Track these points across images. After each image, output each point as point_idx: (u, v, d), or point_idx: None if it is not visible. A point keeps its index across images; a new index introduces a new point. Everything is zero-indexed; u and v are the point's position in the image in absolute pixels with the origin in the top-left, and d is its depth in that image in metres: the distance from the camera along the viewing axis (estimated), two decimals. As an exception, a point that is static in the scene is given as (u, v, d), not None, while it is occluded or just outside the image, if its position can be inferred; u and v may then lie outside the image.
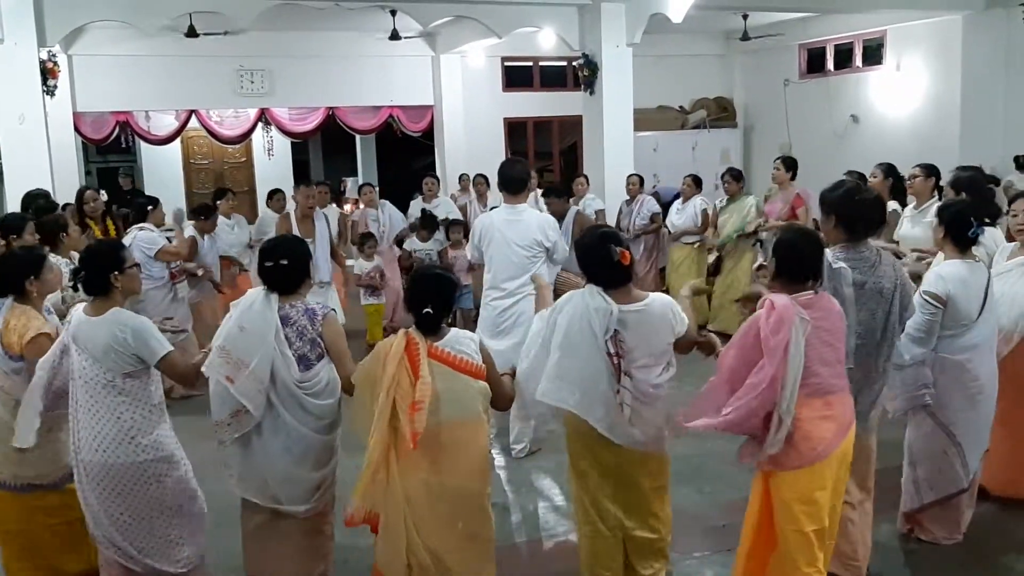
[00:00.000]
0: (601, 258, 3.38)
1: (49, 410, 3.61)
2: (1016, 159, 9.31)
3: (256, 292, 3.49)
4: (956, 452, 4.10)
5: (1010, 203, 4.70)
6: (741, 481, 5.03)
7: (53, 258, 4.29)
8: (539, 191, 8.89)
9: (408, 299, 3.40)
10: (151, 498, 3.46)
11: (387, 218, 8.94)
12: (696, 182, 8.70)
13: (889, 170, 6.25)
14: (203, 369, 3.42)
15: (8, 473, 3.76)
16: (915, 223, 5.57)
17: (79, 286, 3.58)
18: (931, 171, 5.73)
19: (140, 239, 6.33)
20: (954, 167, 5.97)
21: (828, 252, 3.61)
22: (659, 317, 3.34)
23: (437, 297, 3.30)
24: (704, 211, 8.50)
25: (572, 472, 3.59)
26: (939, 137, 10.38)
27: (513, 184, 5.42)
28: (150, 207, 6.66)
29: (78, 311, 3.56)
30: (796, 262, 3.32)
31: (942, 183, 5.72)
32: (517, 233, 5.30)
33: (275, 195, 8.88)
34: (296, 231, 6.69)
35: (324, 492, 3.54)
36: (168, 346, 3.46)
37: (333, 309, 3.70)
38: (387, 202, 9.18)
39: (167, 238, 6.72)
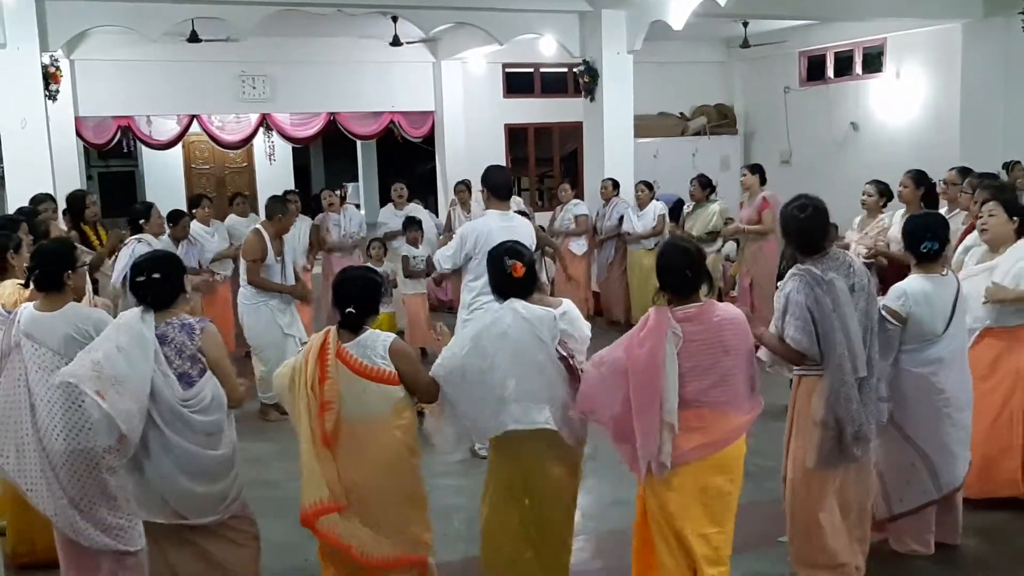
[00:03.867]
0: (499, 272, 3.50)
1: None
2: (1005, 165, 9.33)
3: (132, 311, 3.40)
4: (924, 465, 4.07)
5: (982, 204, 4.77)
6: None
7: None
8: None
9: (333, 297, 3.47)
10: (106, 481, 3.56)
11: (347, 221, 8.99)
12: (648, 187, 9.20)
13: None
14: (69, 379, 3.27)
15: None
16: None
17: (31, 282, 3.71)
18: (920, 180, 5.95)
19: (137, 252, 6.31)
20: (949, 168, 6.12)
21: (810, 266, 3.66)
22: (578, 319, 3.50)
23: (360, 297, 3.39)
24: (662, 215, 9.01)
25: (494, 498, 3.62)
26: (939, 145, 10.39)
27: (503, 190, 5.44)
28: (142, 220, 6.51)
29: (28, 309, 3.68)
30: (674, 276, 3.37)
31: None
32: (515, 238, 5.32)
33: (236, 199, 9.13)
34: (269, 245, 6.40)
35: (231, 503, 3.48)
36: None
37: (211, 320, 3.59)
38: (350, 206, 9.37)
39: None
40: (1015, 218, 4.57)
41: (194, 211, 8.38)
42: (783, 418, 4.03)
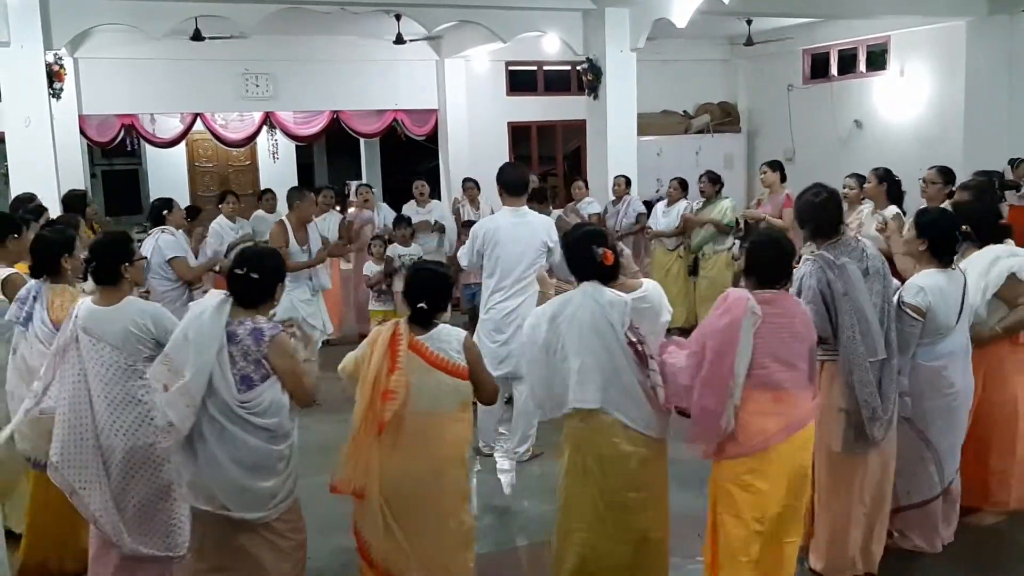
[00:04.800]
0: (585, 258, 3.49)
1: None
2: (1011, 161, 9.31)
3: (211, 299, 3.34)
4: (932, 458, 4.10)
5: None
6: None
7: None
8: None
9: (406, 292, 3.51)
10: (160, 481, 3.54)
11: (383, 220, 9.01)
12: (682, 185, 8.95)
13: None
14: (150, 380, 3.31)
15: (42, 451, 3.81)
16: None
17: (88, 275, 3.68)
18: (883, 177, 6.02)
19: (162, 242, 6.32)
20: (973, 172, 6.11)
21: (824, 251, 3.73)
22: (657, 300, 3.53)
23: (433, 293, 3.42)
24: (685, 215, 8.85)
25: (567, 481, 3.57)
26: (942, 142, 10.38)
27: (517, 187, 5.44)
28: (165, 211, 6.56)
29: (85, 304, 3.64)
30: (765, 265, 3.46)
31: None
32: (526, 235, 5.33)
33: (265, 195, 9.33)
34: (292, 236, 6.55)
35: (280, 502, 3.38)
36: None
37: (283, 330, 3.40)
38: (385, 204, 9.32)
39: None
40: (964, 227, 4.37)
41: (220, 206, 8.54)
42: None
